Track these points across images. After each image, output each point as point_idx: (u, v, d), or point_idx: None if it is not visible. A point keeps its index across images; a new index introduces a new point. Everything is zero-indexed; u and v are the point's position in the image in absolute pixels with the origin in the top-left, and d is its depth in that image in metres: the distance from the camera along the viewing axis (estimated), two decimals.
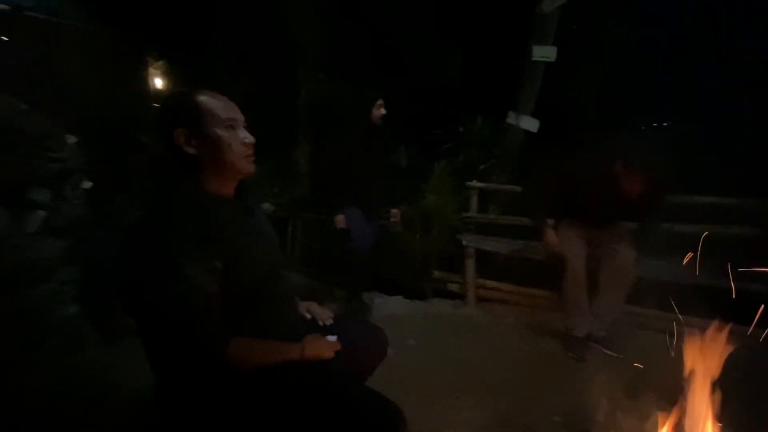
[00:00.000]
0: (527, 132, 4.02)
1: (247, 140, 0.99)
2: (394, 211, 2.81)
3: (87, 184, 2.13)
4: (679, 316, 2.36)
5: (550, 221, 2.38)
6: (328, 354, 1.02)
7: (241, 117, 1.00)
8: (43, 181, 1.93)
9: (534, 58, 3.94)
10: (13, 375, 1.65)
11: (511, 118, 4.02)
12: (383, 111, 2.61)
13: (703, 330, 1.21)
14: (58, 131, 2.02)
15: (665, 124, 6.51)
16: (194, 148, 0.94)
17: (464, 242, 3.14)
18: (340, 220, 2.60)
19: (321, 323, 1.20)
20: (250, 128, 1.03)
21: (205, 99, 0.96)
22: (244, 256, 0.93)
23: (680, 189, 2.32)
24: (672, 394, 1.34)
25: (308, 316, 1.21)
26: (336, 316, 1.26)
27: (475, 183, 3.50)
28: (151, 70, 6.57)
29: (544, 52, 3.92)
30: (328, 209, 2.69)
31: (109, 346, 1.94)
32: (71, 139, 2.09)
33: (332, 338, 1.08)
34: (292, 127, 6.09)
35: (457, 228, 3.44)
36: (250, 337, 0.92)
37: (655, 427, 1.23)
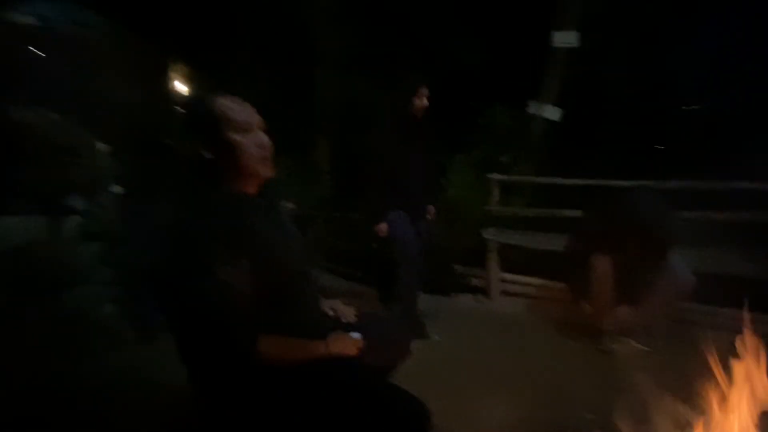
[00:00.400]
0: (552, 121, 3.92)
1: (263, 143, 1.00)
2: (430, 208, 2.54)
3: (119, 190, 2.22)
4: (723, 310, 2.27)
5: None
6: (352, 351, 1.03)
7: (257, 120, 1.01)
8: (77, 189, 2.03)
9: (555, 45, 3.83)
10: (57, 374, 1.75)
11: (533, 108, 3.93)
12: (426, 102, 2.23)
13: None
14: (89, 140, 2.12)
15: (696, 107, 6.20)
16: (212, 152, 0.97)
17: (486, 236, 3.09)
18: (383, 228, 2.29)
19: (344, 320, 1.21)
20: (269, 128, 1.04)
21: (220, 104, 0.97)
22: (270, 255, 0.95)
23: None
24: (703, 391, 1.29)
25: (332, 313, 1.23)
26: (360, 313, 1.27)
27: (496, 175, 3.44)
28: (173, 75, 6.74)
29: (566, 38, 3.80)
30: (369, 217, 2.36)
31: (146, 345, 2.02)
32: (103, 147, 2.18)
33: (356, 335, 1.09)
34: (312, 125, 6.14)
35: (479, 221, 3.40)
36: (276, 334, 0.94)
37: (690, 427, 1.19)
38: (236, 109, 0.98)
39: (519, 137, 4.04)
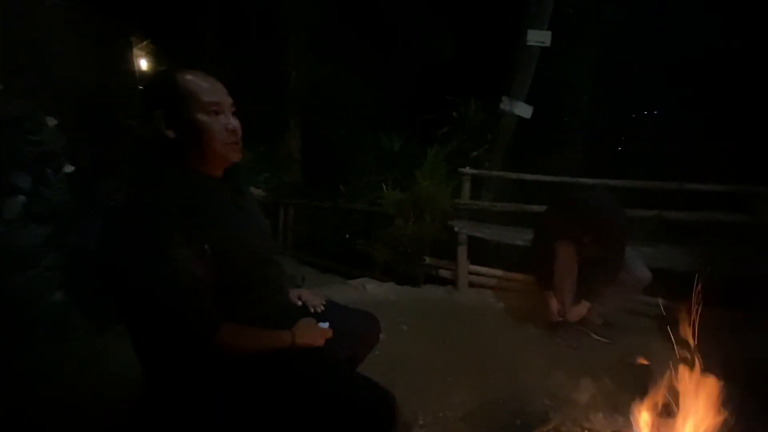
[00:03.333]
0: (520, 118, 4.00)
1: (231, 127, 0.93)
2: None
3: (69, 168, 2.06)
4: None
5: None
6: (320, 341, 1.01)
7: (227, 101, 0.94)
8: (22, 166, 1.86)
9: (528, 43, 3.89)
10: (1, 362, 1.62)
11: (505, 104, 3.98)
12: None
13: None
14: (37, 113, 1.94)
15: (656, 111, 6.53)
16: (174, 131, 0.89)
17: (456, 229, 3.14)
18: None
19: (312, 310, 1.19)
20: (239, 112, 0.98)
21: (187, 80, 0.89)
22: (233, 239, 0.90)
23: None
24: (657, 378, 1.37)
25: (299, 302, 1.20)
26: (327, 302, 1.25)
27: (468, 169, 3.49)
28: (137, 51, 6.35)
29: (539, 37, 3.87)
30: None
31: (98, 334, 1.91)
32: (52, 122, 2.01)
33: (324, 325, 1.06)
34: (283, 111, 5.98)
35: (449, 214, 3.44)
36: (239, 323, 0.90)
37: (638, 410, 1.26)
38: (206, 87, 0.91)
39: (490, 132, 4.10)
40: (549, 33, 3.85)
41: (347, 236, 4.49)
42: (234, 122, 0.94)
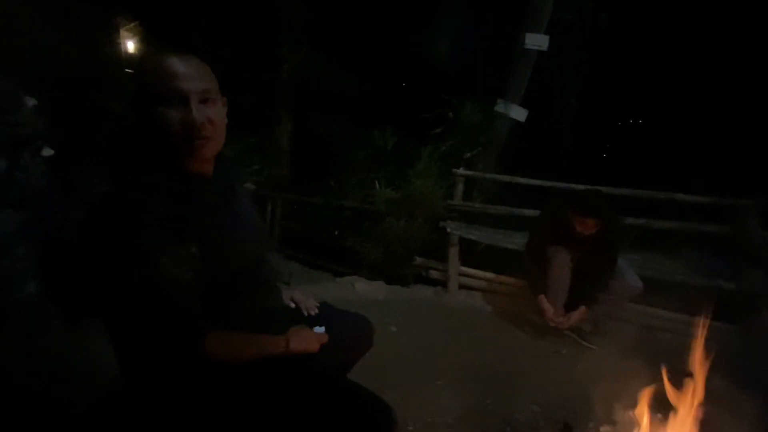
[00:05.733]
0: (515, 120, 3.99)
1: (189, 119, 0.78)
2: None
3: (48, 152, 1.94)
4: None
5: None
6: (315, 347, 0.96)
7: (196, 88, 0.79)
8: None
9: (526, 47, 3.88)
10: None
11: (500, 107, 3.97)
12: None
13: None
14: (14, 92, 1.82)
15: (645, 120, 6.64)
16: (139, 124, 0.80)
17: (449, 230, 3.11)
18: None
19: (306, 312, 1.14)
20: (229, 103, 0.89)
21: (151, 65, 0.79)
22: (223, 241, 0.84)
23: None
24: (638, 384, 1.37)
25: (292, 305, 1.15)
26: (321, 304, 1.20)
27: (461, 171, 3.46)
28: (124, 33, 6.13)
29: (537, 41, 3.86)
30: None
31: (72, 328, 1.81)
32: (30, 102, 1.89)
33: (319, 330, 1.02)
34: (273, 102, 5.86)
35: (441, 215, 3.41)
36: (229, 329, 0.84)
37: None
38: (168, 73, 0.78)
39: (485, 134, 4.09)
40: (547, 37, 3.85)
41: (336, 233, 4.43)
42: (199, 113, 0.79)
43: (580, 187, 3.08)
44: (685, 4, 4.88)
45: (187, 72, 0.80)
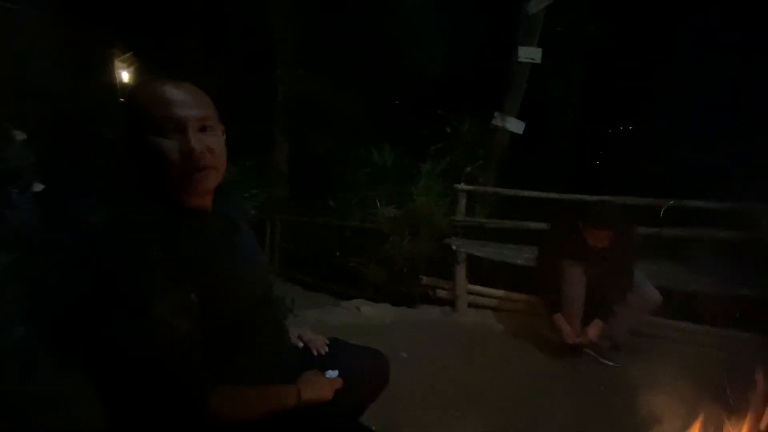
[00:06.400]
0: (513, 133, 3.97)
1: (187, 149, 0.72)
2: None
3: (38, 187, 1.86)
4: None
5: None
6: (329, 394, 0.87)
7: (193, 115, 0.74)
8: None
9: (519, 60, 3.89)
10: None
11: (497, 120, 3.96)
12: None
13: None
14: (2, 126, 1.76)
15: (642, 127, 6.66)
16: (133, 154, 0.74)
17: (454, 247, 3.03)
18: None
19: (315, 352, 1.04)
20: (225, 126, 0.82)
21: (144, 92, 0.74)
22: (225, 284, 0.76)
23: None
24: (671, 404, 1.27)
25: (300, 344, 1.06)
26: (331, 340, 1.11)
27: (463, 186, 3.41)
28: (119, 63, 6.16)
29: (530, 54, 3.88)
30: None
31: (62, 373, 1.70)
32: (19, 136, 1.83)
33: (332, 374, 0.93)
34: (270, 123, 5.86)
35: (445, 232, 3.34)
36: (234, 380, 0.75)
37: None
38: (163, 100, 0.72)
39: (483, 148, 4.06)
40: (539, 50, 3.86)
41: (338, 254, 4.35)
42: (198, 142, 0.73)
43: (586, 197, 3.02)
44: (678, 12, 4.95)
45: (184, 99, 0.74)
